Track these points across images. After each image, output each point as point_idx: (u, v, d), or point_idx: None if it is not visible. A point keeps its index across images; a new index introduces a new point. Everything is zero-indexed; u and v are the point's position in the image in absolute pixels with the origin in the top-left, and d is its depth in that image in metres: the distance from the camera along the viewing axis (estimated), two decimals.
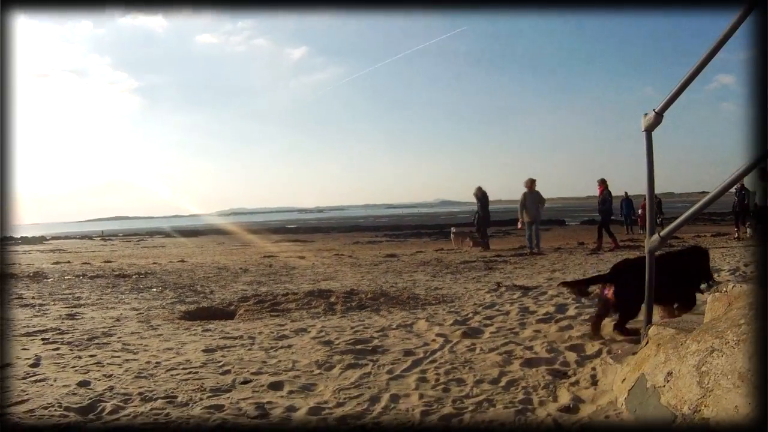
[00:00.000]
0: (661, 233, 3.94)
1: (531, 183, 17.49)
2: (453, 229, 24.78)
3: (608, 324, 5.21)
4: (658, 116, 3.93)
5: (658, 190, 4.72)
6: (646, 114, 3.99)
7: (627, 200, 29.78)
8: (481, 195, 19.42)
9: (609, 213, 17.83)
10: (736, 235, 18.55)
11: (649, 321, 4.20)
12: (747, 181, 16.89)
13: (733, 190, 17.76)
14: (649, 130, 4.05)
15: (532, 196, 17.41)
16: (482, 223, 19.56)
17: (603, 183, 17.83)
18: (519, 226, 17.95)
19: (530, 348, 5.01)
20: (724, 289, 3.78)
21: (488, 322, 6.30)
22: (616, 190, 18.45)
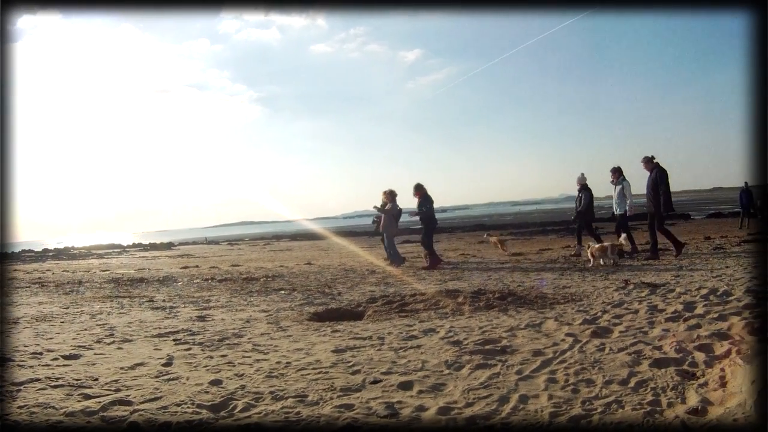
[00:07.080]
0: None
1: (388, 195, 15.14)
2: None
3: None
4: None
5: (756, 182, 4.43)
6: None
7: (746, 191, 27.15)
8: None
9: (431, 220, 14.78)
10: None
11: None
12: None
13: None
14: None
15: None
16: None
17: (420, 189, 14.72)
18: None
19: (659, 348, 4.92)
20: None
21: (617, 321, 6.20)
22: (737, 180, 15.61)
